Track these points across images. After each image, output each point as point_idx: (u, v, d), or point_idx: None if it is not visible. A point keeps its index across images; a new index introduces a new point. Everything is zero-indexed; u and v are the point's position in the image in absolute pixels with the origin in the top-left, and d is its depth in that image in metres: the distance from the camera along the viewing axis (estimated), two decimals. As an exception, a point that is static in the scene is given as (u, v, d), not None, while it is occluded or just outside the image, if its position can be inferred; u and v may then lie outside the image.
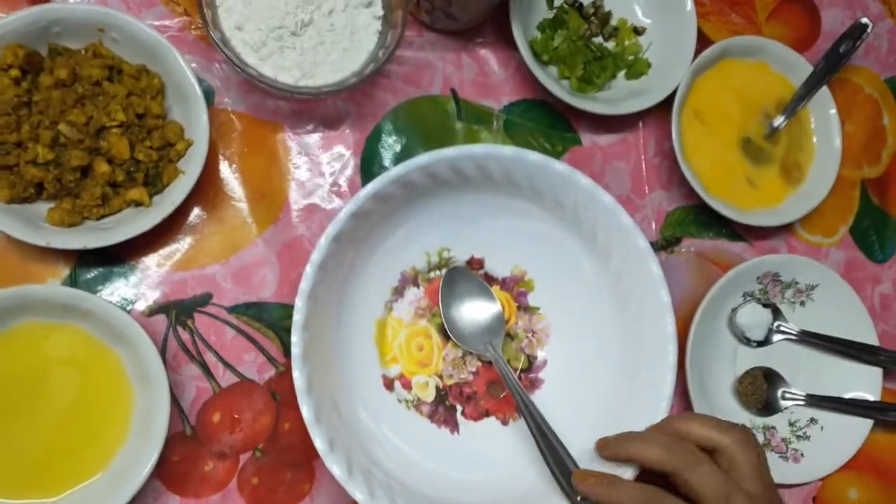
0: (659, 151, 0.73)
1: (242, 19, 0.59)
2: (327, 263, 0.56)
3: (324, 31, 0.61)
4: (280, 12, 0.59)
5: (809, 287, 0.73)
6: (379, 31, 0.62)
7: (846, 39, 0.75)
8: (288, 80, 0.60)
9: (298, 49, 0.60)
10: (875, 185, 0.80)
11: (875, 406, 0.73)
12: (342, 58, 0.61)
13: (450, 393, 0.65)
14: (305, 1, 0.59)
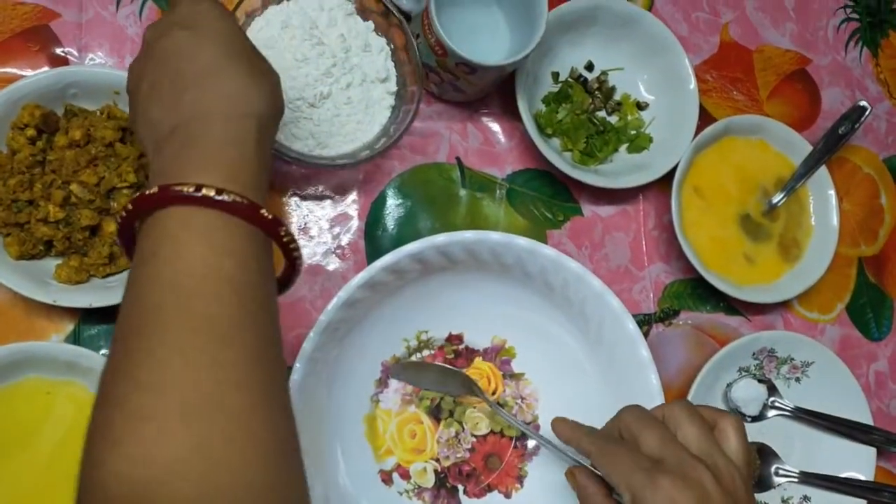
0: (658, 224, 0.74)
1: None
2: (331, 325, 0.57)
3: (340, 104, 0.61)
4: (301, 84, 0.60)
5: (805, 364, 0.74)
6: (392, 106, 0.64)
7: (845, 121, 0.77)
8: (302, 149, 0.61)
9: (315, 119, 0.61)
10: (872, 263, 0.81)
11: (868, 486, 0.73)
12: (356, 130, 0.62)
13: (449, 474, 0.65)
14: (326, 75, 0.60)
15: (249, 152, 0.41)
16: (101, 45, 0.65)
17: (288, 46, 0.59)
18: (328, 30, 0.61)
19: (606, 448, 0.49)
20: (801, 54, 0.82)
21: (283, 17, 0.60)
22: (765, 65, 0.81)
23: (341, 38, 0.61)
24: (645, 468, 0.45)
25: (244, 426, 0.34)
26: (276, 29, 0.59)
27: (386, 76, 0.63)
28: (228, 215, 0.37)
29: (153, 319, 0.35)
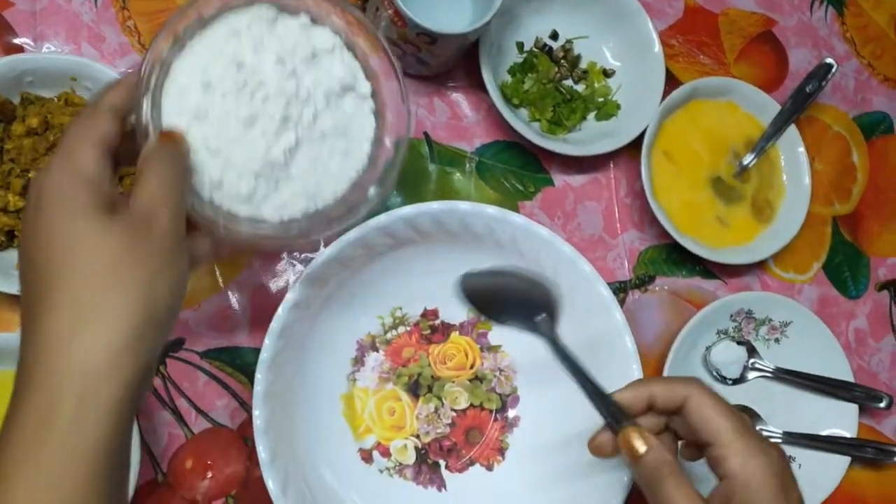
0: (630, 191, 0.74)
1: (217, 173, 0.44)
2: (300, 303, 0.57)
3: (315, 145, 0.48)
4: (260, 149, 0.45)
5: (783, 324, 0.73)
6: (373, 110, 0.50)
7: (812, 79, 0.76)
8: (296, 215, 0.48)
9: (295, 177, 0.47)
10: (846, 222, 0.80)
11: (852, 443, 0.73)
12: (343, 162, 0.49)
13: (430, 450, 0.64)
14: (284, 121, 0.45)
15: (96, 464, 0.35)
16: (57, 33, 0.64)
17: (221, 112, 0.44)
18: (258, 60, 0.45)
19: (711, 397, 0.47)
20: (766, 16, 0.82)
21: (198, 73, 0.44)
22: (730, 28, 0.81)
23: (279, 64, 0.45)
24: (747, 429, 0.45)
25: None
26: (198, 93, 0.44)
27: (351, 78, 0.49)
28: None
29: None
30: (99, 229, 0.36)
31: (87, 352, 0.35)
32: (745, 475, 0.43)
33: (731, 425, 0.44)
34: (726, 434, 0.44)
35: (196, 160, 0.44)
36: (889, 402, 0.73)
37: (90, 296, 0.35)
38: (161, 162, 0.40)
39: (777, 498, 0.42)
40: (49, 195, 0.37)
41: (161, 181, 0.39)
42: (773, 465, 0.43)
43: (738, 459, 0.44)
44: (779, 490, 0.43)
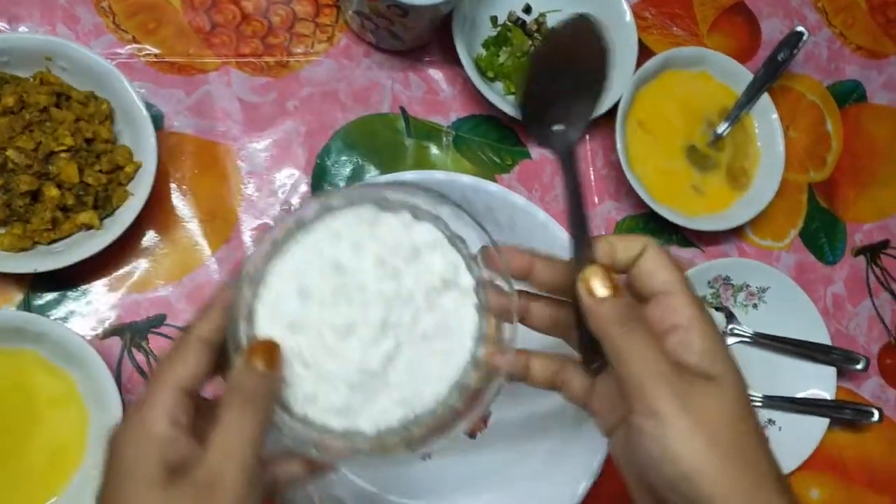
0: (606, 163, 0.75)
1: (311, 387, 0.41)
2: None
3: (414, 348, 0.43)
4: (357, 359, 0.41)
5: (761, 290, 0.74)
6: (476, 305, 0.44)
7: (784, 47, 0.77)
8: (393, 423, 0.43)
9: (393, 384, 0.43)
10: (822, 189, 0.81)
11: (830, 404, 0.74)
12: (444, 363, 0.44)
13: None
14: (381, 327, 0.42)
15: None
16: (32, 14, 0.64)
17: (318, 321, 0.41)
18: (358, 262, 0.42)
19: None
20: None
21: (294, 280, 0.41)
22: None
23: (379, 265, 0.42)
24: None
25: None
26: (293, 302, 0.41)
27: (453, 272, 0.44)
28: None
29: None
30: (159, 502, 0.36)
31: None
32: (695, 320, 0.40)
33: (683, 279, 0.41)
34: (680, 283, 0.41)
35: (288, 373, 0.41)
36: (866, 363, 0.74)
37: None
38: (242, 407, 0.38)
39: (721, 343, 0.40)
40: (118, 458, 0.38)
41: (238, 432, 0.37)
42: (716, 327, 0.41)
43: (690, 308, 0.40)
44: (719, 339, 0.40)
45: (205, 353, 0.40)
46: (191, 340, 0.40)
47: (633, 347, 0.39)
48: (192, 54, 0.67)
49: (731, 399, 0.38)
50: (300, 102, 0.68)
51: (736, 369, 0.40)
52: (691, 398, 0.37)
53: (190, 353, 0.39)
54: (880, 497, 0.76)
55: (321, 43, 0.70)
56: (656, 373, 0.38)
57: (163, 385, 0.38)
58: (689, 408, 0.37)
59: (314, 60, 0.69)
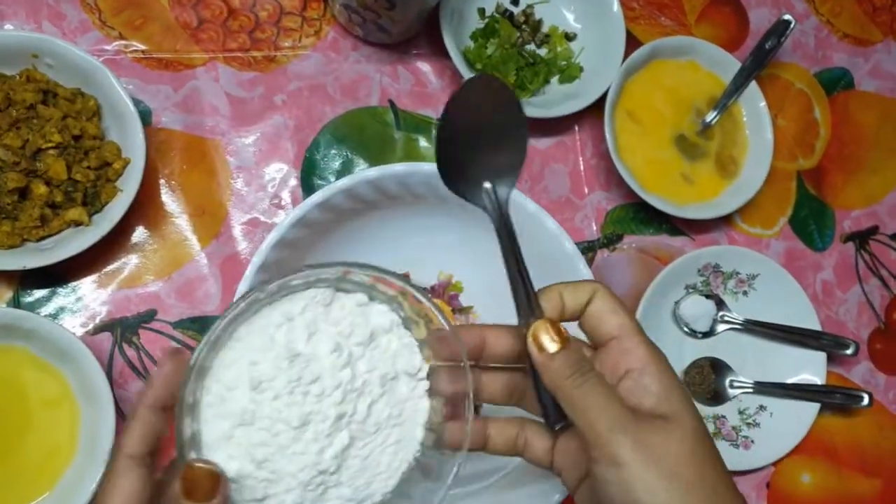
0: (596, 153, 0.75)
1: (263, 489, 0.39)
2: (267, 265, 0.57)
3: (368, 440, 0.41)
4: (311, 456, 0.39)
5: (751, 277, 0.75)
6: (427, 390, 0.43)
7: (771, 36, 0.77)
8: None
9: (346, 480, 0.40)
10: (811, 176, 0.82)
11: (821, 389, 0.74)
12: (395, 454, 0.42)
13: None
14: (338, 420, 0.39)
15: None
16: (17, 12, 0.64)
17: (272, 415, 0.38)
18: (313, 349, 0.39)
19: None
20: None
21: (245, 369, 0.38)
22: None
23: (336, 352, 0.39)
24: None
25: None
26: (244, 395, 0.38)
27: (408, 356, 0.42)
28: None
29: None
30: None
31: None
32: (648, 363, 0.40)
33: (634, 322, 0.41)
34: (630, 326, 0.41)
35: (237, 472, 0.38)
36: (856, 348, 0.75)
37: None
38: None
39: (675, 381, 0.40)
40: None
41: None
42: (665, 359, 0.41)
43: (642, 350, 0.40)
44: (673, 377, 0.40)
45: (140, 472, 0.36)
46: (119, 463, 0.36)
47: (587, 399, 0.38)
48: (179, 50, 0.67)
49: (689, 437, 0.38)
50: (288, 97, 0.68)
51: (691, 406, 0.40)
52: (650, 441, 0.37)
53: (122, 478, 0.36)
54: (871, 480, 0.76)
55: (309, 37, 0.70)
56: (614, 421, 0.38)
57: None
58: (649, 452, 0.37)
59: (302, 54, 0.69)
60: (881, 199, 0.84)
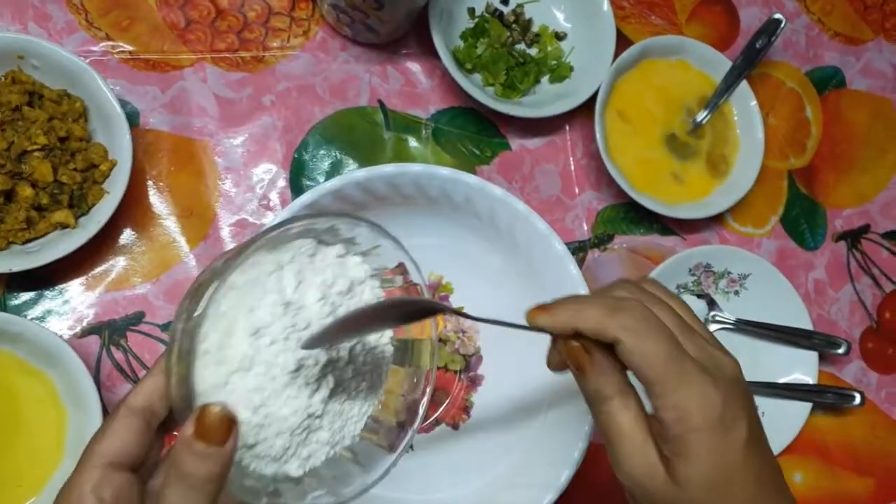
0: (586, 153, 0.75)
1: (254, 434, 0.39)
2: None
3: (346, 386, 0.43)
4: (303, 400, 0.40)
5: (742, 276, 0.75)
6: (391, 338, 0.46)
7: (762, 35, 0.77)
8: (317, 464, 0.43)
9: (326, 424, 0.42)
10: (802, 175, 0.82)
11: (813, 389, 0.74)
12: (365, 401, 0.45)
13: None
14: (325, 367, 0.41)
15: None
16: (2, 13, 0.64)
17: (270, 360, 0.38)
18: (301, 296, 0.39)
19: (651, 340, 0.39)
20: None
21: (243, 315, 0.38)
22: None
23: (322, 299, 0.40)
24: (696, 373, 0.39)
25: None
26: (244, 341, 0.38)
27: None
28: None
29: None
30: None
31: None
32: (679, 412, 0.39)
33: (664, 371, 0.39)
34: (658, 384, 0.39)
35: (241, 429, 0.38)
36: (847, 347, 0.75)
37: None
38: (183, 494, 0.34)
39: (714, 430, 0.38)
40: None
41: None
42: (709, 399, 0.39)
43: (672, 399, 0.39)
44: (716, 423, 0.39)
45: (135, 422, 0.37)
46: (119, 411, 0.37)
47: (610, 417, 0.42)
48: (166, 51, 0.66)
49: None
50: (277, 97, 0.68)
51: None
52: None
53: (118, 425, 0.36)
54: (863, 479, 0.76)
55: (297, 37, 0.70)
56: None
57: (88, 462, 0.36)
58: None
59: (290, 55, 0.69)
60: (873, 197, 0.84)
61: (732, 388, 0.40)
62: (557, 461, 0.59)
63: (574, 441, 0.59)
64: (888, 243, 0.83)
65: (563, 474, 0.59)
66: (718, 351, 0.42)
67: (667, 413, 0.39)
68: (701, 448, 0.38)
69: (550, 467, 0.59)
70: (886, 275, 0.82)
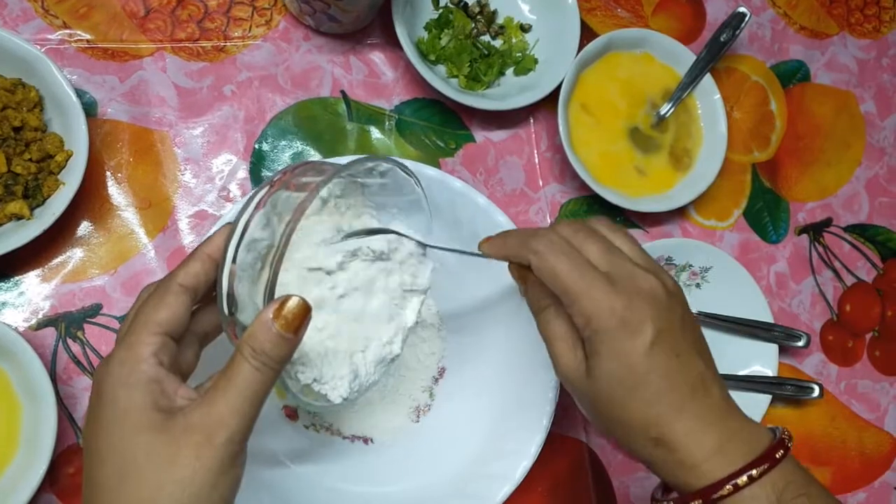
0: (551, 146, 0.75)
1: (319, 368, 0.47)
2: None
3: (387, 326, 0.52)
4: (374, 342, 0.50)
5: (704, 269, 0.75)
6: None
7: (726, 28, 0.78)
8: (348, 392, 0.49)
9: (370, 359, 0.50)
10: (766, 168, 0.82)
11: (772, 381, 0.75)
12: (388, 322, 0.52)
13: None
14: (392, 312, 0.52)
15: None
16: (-42, 0, 0.63)
17: (349, 301, 0.48)
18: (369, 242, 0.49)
19: (553, 258, 0.45)
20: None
21: (322, 254, 0.46)
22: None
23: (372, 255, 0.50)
24: (599, 282, 0.44)
25: None
26: (322, 279, 0.47)
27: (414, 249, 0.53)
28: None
29: None
30: (151, 444, 0.37)
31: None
32: (584, 318, 0.45)
33: (568, 283, 0.45)
34: (564, 295, 0.45)
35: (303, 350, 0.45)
36: (807, 340, 0.75)
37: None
38: (258, 368, 0.38)
39: (615, 332, 0.43)
40: (108, 400, 0.38)
41: (249, 391, 0.38)
42: (610, 305, 0.44)
43: (577, 306, 0.45)
44: (619, 326, 0.43)
45: (186, 299, 0.41)
46: (172, 285, 0.41)
47: (545, 324, 0.49)
48: (125, 40, 0.66)
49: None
50: (237, 87, 0.67)
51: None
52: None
53: (172, 297, 0.40)
54: (820, 469, 0.77)
55: (259, 27, 0.69)
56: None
57: (147, 328, 0.39)
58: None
59: (252, 44, 0.68)
60: (835, 191, 0.84)
61: (638, 298, 0.44)
62: (515, 454, 0.60)
63: (531, 435, 0.59)
64: (850, 236, 0.84)
65: (520, 466, 0.59)
66: (640, 269, 0.46)
67: (576, 319, 0.45)
68: (604, 347, 0.44)
69: (507, 460, 0.59)
70: (847, 268, 0.83)
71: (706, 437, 0.43)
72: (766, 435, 0.45)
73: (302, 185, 0.43)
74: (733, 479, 0.42)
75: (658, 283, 0.46)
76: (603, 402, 0.45)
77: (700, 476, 0.43)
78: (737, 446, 0.43)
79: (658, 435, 0.44)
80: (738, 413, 0.46)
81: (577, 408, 0.68)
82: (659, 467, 0.45)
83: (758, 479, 0.42)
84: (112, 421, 0.38)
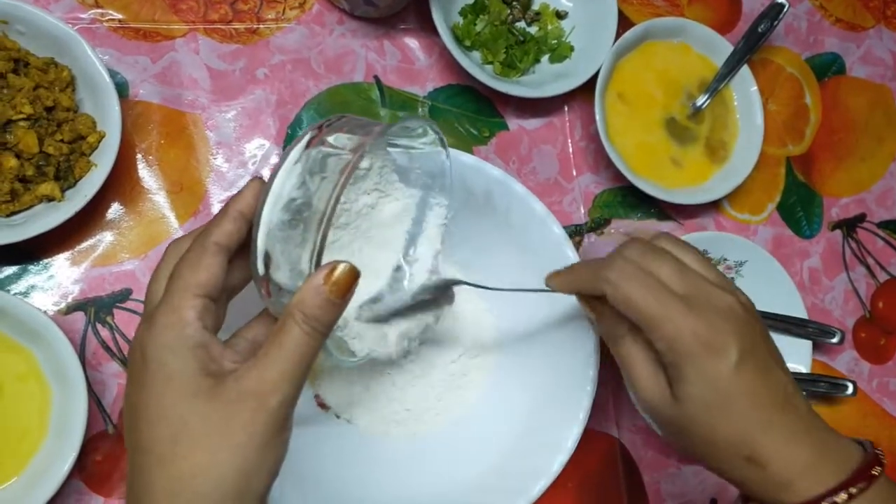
0: (585, 135, 0.73)
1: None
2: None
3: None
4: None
5: (738, 263, 0.74)
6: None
7: (764, 19, 0.76)
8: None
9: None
10: (800, 162, 0.81)
11: (806, 378, 0.74)
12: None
13: None
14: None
15: None
16: (-13, -24, 0.61)
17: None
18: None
19: (627, 286, 0.45)
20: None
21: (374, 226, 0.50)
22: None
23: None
24: (677, 305, 0.44)
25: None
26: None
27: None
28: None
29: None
30: (204, 410, 0.37)
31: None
32: (667, 343, 0.44)
33: (646, 309, 0.44)
34: (645, 321, 0.45)
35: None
36: (841, 337, 0.74)
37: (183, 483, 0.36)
38: (308, 333, 0.38)
39: (701, 355, 0.43)
40: (154, 365, 0.38)
41: (298, 355, 0.38)
42: (692, 328, 0.43)
43: (659, 332, 0.44)
44: (702, 349, 0.43)
45: (222, 259, 0.40)
46: (208, 245, 0.40)
47: (620, 353, 0.50)
48: (157, 20, 0.64)
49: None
50: (270, 70, 0.66)
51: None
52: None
53: (212, 260, 0.40)
54: (854, 470, 0.76)
55: (293, 9, 0.68)
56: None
57: (188, 291, 0.38)
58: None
59: (285, 27, 0.67)
60: (869, 186, 0.83)
61: (719, 318, 0.44)
62: (553, 445, 0.58)
63: (569, 427, 0.58)
64: (884, 233, 0.82)
65: (556, 459, 0.58)
66: (715, 287, 0.46)
67: (658, 345, 0.45)
68: (690, 372, 0.44)
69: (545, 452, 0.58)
70: (881, 264, 0.82)
71: (798, 452, 0.43)
72: (856, 449, 0.44)
73: (338, 145, 0.43)
74: (831, 496, 0.41)
75: (734, 299, 0.46)
76: (691, 426, 0.45)
77: (795, 494, 0.42)
78: (829, 461, 0.43)
79: (750, 453, 0.43)
80: (824, 424, 0.45)
81: (609, 402, 0.68)
82: (752, 487, 0.44)
83: (856, 496, 0.41)
84: (161, 386, 0.37)
